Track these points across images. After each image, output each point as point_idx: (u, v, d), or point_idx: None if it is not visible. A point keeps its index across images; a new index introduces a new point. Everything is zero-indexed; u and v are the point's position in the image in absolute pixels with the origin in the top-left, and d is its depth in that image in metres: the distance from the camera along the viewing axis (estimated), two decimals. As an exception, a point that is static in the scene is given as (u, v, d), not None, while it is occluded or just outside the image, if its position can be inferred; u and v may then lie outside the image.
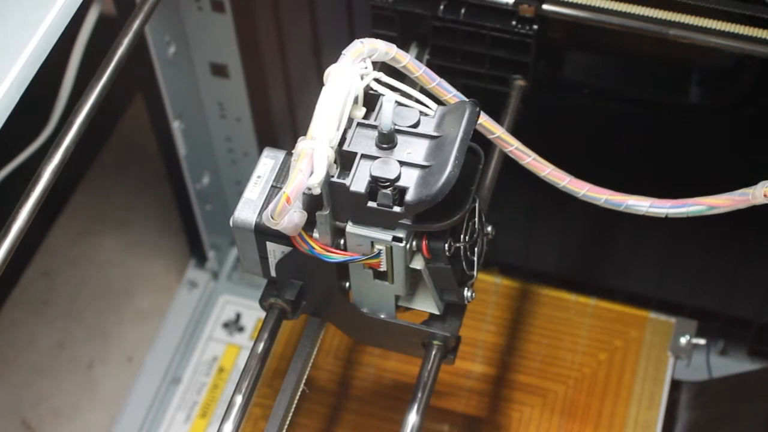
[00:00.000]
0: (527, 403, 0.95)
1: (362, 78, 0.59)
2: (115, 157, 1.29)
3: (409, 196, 0.58)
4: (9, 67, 0.65)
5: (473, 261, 0.65)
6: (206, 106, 1.02)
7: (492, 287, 1.03)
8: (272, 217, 0.57)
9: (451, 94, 0.63)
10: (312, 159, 0.56)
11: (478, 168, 0.62)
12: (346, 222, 0.61)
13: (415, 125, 0.60)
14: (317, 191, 0.57)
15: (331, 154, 0.57)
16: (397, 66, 0.61)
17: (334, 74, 0.58)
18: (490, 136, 0.66)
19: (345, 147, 0.60)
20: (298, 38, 0.97)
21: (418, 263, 0.63)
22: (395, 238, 0.61)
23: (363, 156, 0.59)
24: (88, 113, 0.68)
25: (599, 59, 0.92)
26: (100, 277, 1.21)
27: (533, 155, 0.68)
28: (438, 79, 0.63)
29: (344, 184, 0.59)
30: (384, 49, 0.60)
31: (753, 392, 0.96)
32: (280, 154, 0.67)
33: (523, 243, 1.06)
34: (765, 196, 0.63)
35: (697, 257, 1.02)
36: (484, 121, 0.65)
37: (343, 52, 0.58)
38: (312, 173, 0.56)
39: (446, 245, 0.62)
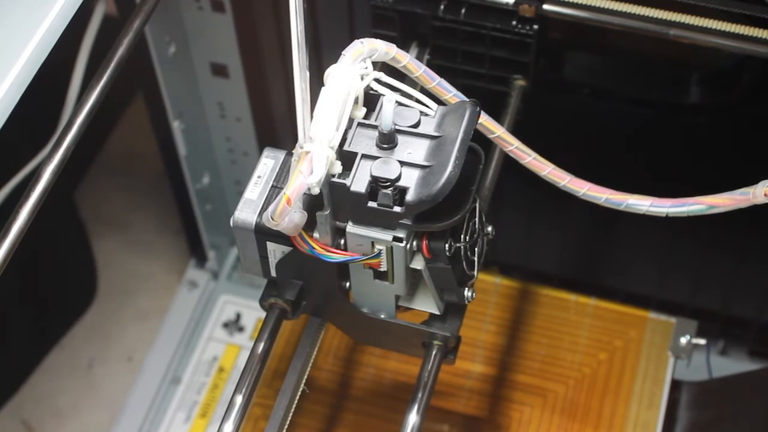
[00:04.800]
0: (527, 403, 0.95)
1: (362, 78, 0.59)
2: (115, 157, 1.29)
3: (409, 196, 0.58)
4: (9, 67, 0.65)
5: (473, 261, 0.65)
6: (206, 106, 1.02)
7: (492, 287, 1.03)
8: (272, 219, 0.57)
9: (451, 93, 0.63)
10: (312, 160, 0.56)
11: (479, 168, 0.62)
12: (347, 222, 0.61)
13: (416, 125, 0.60)
14: (316, 191, 0.57)
15: (331, 155, 0.57)
16: (397, 66, 0.61)
17: (333, 75, 0.58)
18: (491, 136, 0.66)
19: (345, 147, 0.60)
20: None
21: (418, 263, 0.63)
22: (395, 238, 0.61)
23: (363, 156, 0.59)
24: (88, 113, 0.68)
25: (599, 59, 0.92)
26: (101, 277, 1.21)
27: (533, 154, 0.68)
28: (438, 78, 0.63)
29: (344, 184, 0.59)
30: (384, 49, 0.60)
31: (753, 392, 0.96)
32: (280, 154, 0.67)
33: (523, 243, 1.06)
34: (765, 195, 0.63)
35: (697, 257, 1.02)
36: (485, 120, 0.65)
37: (343, 52, 0.58)
38: (311, 173, 0.56)
39: (446, 245, 0.62)
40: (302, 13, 0.55)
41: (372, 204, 0.59)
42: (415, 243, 0.62)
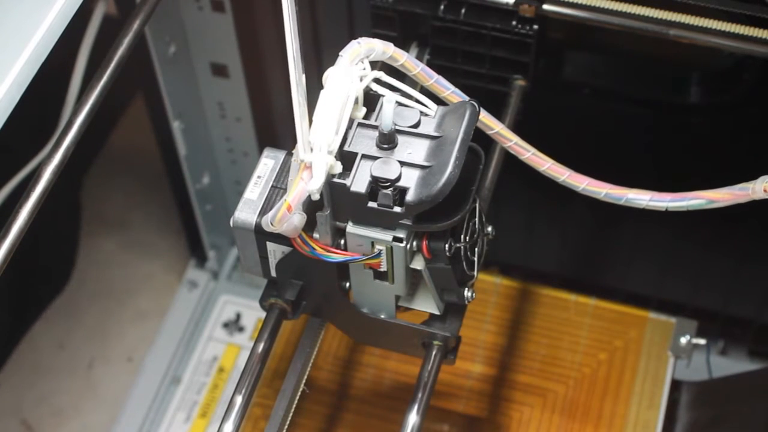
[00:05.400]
0: (527, 403, 0.95)
1: (361, 79, 0.59)
2: (115, 157, 1.29)
3: (409, 197, 0.58)
4: (9, 67, 0.65)
5: (473, 261, 0.65)
6: (206, 106, 1.02)
7: (492, 287, 1.03)
8: (272, 224, 0.57)
9: (449, 90, 0.63)
10: (312, 168, 0.56)
11: (479, 168, 0.62)
12: (347, 222, 0.61)
13: (416, 125, 0.60)
14: (316, 197, 0.57)
15: (330, 160, 0.57)
16: (395, 64, 0.61)
17: (332, 78, 0.57)
18: (490, 132, 0.66)
19: (345, 147, 0.59)
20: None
21: (418, 263, 0.63)
22: (395, 239, 0.61)
23: (363, 156, 0.59)
24: (88, 113, 0.68)
25: (599, 59, 0.92)
26: (100, 277, 1.20)
27: (533, 150, 0.68)
28: (436, 76, 0.63)
29: (345, 184, 0.59)
30: (381, 48, 0.60)
31: (753, 392, 0.96)
32: (280, 154, 0.67)
33: (523, 243, 1.06)
34: (765, 191, 0.62)
35: (697, 257, 1.02)
36: (484, 117, 0.65)
37: (340, 53, 0.58)
38: (311, 179, 0.56)
39: (447, 245, 0.62)
40: (297, 30, 0.54)
41: (372, 204, 0.59)
42: (415, 243, 0.62)
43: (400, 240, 0.61)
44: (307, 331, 0.71)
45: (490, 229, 0.67)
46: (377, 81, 0.60)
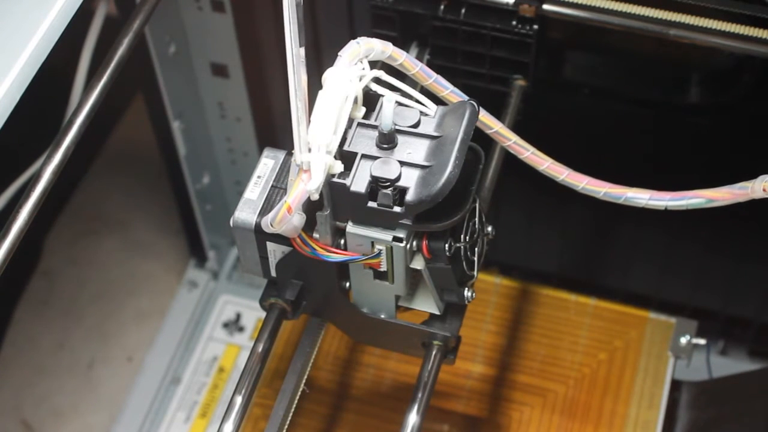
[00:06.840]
0: (527, 403, 0.95)
1: (361, 79, 0.59)
2: (115, 157, 1.29)
3: (409, 196, 0.58)
4: (9, 67, 0.65)
5: (473, 261, 0.65)
6: (206, 106, 1.02)
7: (492, 287, 1.03)
8: (272, 225, 0.58)
9: (448, 90, 0.63)
10: (311, 167, 0.56)
11: (479, 168, 0.62)
12: (347, 222, 0.61)
13: (416, 125, 0.60)
14: (315, 197, 0.57)
15: (329, 160, 0.57)
16: (394, 64, 0.61)
17: (331, 79, 0.57)
18: (489, 131, 0.66)
19: (345, 147, 0.60)
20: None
21: (418, 263, 0.63)
22: (395, 238, 0.61)
23: (363, 156, 0.59)
24: (88, 113, 0.68)
25: (599, 59, 0.92)
26: (100, 277, 1.20)
27: (532, 149, 0.68)
28: (435, 75, 0.63)
29: (344, 184, 0.59)
30: (380, 47, 0.60)
31: (753, 392, 0.96)
32: (280, 154, 0.67)
33: (523, 243, 1.06)
34: (764, 190, 0.62)
35: (697, 257, 1.02)
36: (483, 116, 0.65)
37: (339, 53, 0.58)
38: (310, 180, 0.56)
39: (446, 245, 0.62)
40: (297, 32, 0.54)
41: (372, 204, 0.59)
42: (415, 243, 0.62)
43: (400, 240, 0.61)
44: (307, 331, 0.71)
45: (490, 229, 0.67)
46: (377, 80, 0.60)
